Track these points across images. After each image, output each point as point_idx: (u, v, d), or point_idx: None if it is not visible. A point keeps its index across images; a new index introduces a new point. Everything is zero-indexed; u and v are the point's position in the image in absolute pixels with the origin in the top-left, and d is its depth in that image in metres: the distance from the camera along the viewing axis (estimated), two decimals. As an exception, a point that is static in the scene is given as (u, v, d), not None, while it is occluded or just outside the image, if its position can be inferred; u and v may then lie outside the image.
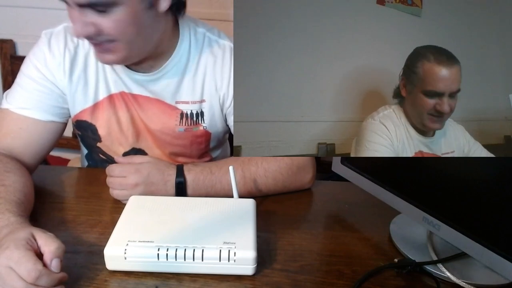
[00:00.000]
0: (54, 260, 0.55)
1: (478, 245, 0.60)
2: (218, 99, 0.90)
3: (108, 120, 0.90)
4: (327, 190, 0.92)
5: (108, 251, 0.62)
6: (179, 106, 0.90)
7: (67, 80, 0.86)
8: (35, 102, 0.84)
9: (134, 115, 0.90)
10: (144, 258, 0.62)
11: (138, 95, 0.89)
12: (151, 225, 0.67)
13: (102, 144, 0.94)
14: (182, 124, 0.91)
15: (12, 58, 1.69)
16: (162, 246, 0.61)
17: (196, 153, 0.97)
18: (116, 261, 0.62)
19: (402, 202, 0.71)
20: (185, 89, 0.89)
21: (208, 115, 0.91)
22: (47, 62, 0.85)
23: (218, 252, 0.61)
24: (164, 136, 0.92)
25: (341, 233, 0.76)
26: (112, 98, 0.89)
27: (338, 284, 0.63)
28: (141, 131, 0.92)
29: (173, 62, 0.86)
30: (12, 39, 1.75)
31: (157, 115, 0.90)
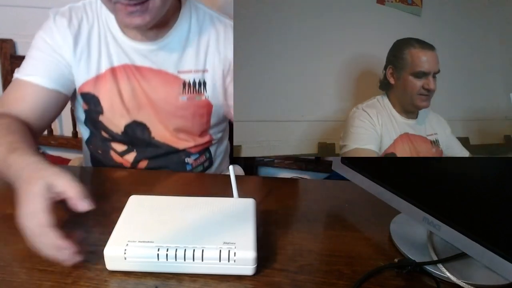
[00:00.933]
0: (80, 204, 0.60)
1: (478, 245, 0.60)
2: (221, 70, 0.94)
3: (110, 91, 0.94)
4: (327, 190, 0.92)
5: (108, 252, 0.62)
6: (182, 76, 0.94)
7: (72, 53, 0.91)
8: (42, 70, 0.90)
9: (136, 87, 0.94)
10: (144, 258, 0.62)
11: (141, 67, 0.93)
12: (151, 224, 0.67)
13: (104, 117, 0.97)
14: (184, 93, 0.94)
15: (12, 58, 1.70)
16: (162, 247, 0.61)
17: (198, 128, 0.99)
18: (116, 261, 0.62)
19: (402, 202, 0.71)
20: (188, 58, 0.93)
21: (210, 85, 0.95)
22: (53, 35, 0.91)
23: (218, 253, 0.61)
24: (167, 106, 0.95)
25: (341, 233, 0.76)
26: (114, 70, 0.93)
27: (338, 284, 0.63)
28: (142, 104, 0.95)
29: (175, 32, 0.92)
30: (12, 39, 1.75)
31: (160, 84, 0.93)
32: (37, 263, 0.64)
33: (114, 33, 0.92)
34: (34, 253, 0.65)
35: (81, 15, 0.93)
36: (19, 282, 0.60)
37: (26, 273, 0.62)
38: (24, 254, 0.65)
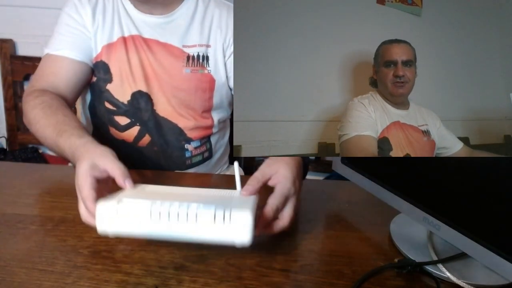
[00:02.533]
0: (126, 181, 0.66)
1: (478, 245, 0.60)
2: (222, 45, 1.01)
3: (119, 60, 0.99)
4: (327, 190, 0.92)
5: (100, 208, 0.59)
6: (186, 49, 1.00)
7: (91, 23, 0.99)
8: (70, 43, 0.97)
9: (143, 58, 1.00)
10: (136, 215, 0.58)
11: (148, 39, 1.00)
12: (147, 193, 0.66)
13: (111, 86, 1.01)
14: (188, 65, 1.00)
15: (12, 58, 1.70)
16: (155, 202, 0.58)
17: (200, 104, 1.03)
18: (107, 220, 0.59)
19: (402, 201, 0.71)
20: (193, 33, 1.00)
21: (212, 59, 1.01)
22: (77, 8, 0.99)
23: (212, 212, 0.58)
24: (171, 79, 1.00)
25: (341, 233, 0.76)
26: (125, 40, 0.99)
27: (338, 284, 0.63)
28: (149, 75, 1.00)
29: (182, 9, 1.00)
30: (12, 39, 1.75)
31: (165, 57, 1.00)
32: (37, 263, 0.64)
33: (126, 6, 1.00)
34: (34, 253, 0.66)
35: None
36: (19, 282, 0.60)
37: (26, 273, 0.62)
38: (24, 254, 0.65)
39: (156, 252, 0.67)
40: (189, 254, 0.67)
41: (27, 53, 1.74)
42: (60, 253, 0.66)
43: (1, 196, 0.82)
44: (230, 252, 0.66)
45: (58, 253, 0.66)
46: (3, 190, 0.84)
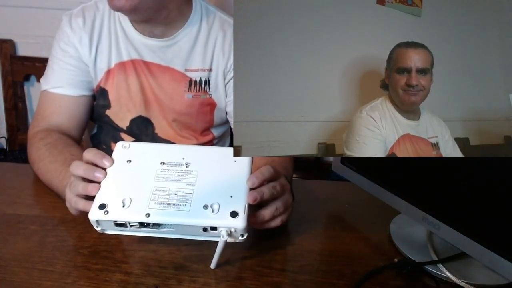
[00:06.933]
0: (104, 160, 0.64)
1: (478, 245, 0.60)
2: (223, 70, 0.98)
3: (118, 85, 0.97)
4: (327, 190, 0.92)
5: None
6: (188, 74, 0.97)
7: (88, 52, 0.95)
8: (66, 80, 0.94)
9: (144, 82, 0.97)
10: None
11: (150, 62, 0.96)
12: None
13: (111, 111, 0.99)
14: (190, 91, 0.97)
15: (12, 58, 1.70)
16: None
17: (201, 126, 1.02)
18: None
19: (402, 202, 0.71)
20: (196, 57, 0.96)
21: (213, 84, 0.98)
22: (70, 39, 0.94)
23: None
24: (172, 103, 0.97)
25: (341, 233, 0.76)
26: (124, 65, 0.96)
27: (338, 284, 0.63)
28: (149, 100, 0.98)
29: (185, 31, 0.95)
30: (12, 39, 1.75)
31: (167, 81, 0.97)
32: (37, 263, 0.64)
33: (125, 28, 0.95)
34: (34, 253, 0.66)
35: (93, 13, 0.95)
36: (19, 282, 0.60)
37: (26, 273, 0.62)
38: (24, 254, 0.66)
39: (156, 252, 0.67)
40: (189, 254, 0.67)
41: (27, 53, 1.74)
42: (60, 253, 0.66)
43: (1, 196, 0.82)
44: (230, 252, 0.67)
45: (58, 253, 0.66)
46: (3, 190, 0.84)
